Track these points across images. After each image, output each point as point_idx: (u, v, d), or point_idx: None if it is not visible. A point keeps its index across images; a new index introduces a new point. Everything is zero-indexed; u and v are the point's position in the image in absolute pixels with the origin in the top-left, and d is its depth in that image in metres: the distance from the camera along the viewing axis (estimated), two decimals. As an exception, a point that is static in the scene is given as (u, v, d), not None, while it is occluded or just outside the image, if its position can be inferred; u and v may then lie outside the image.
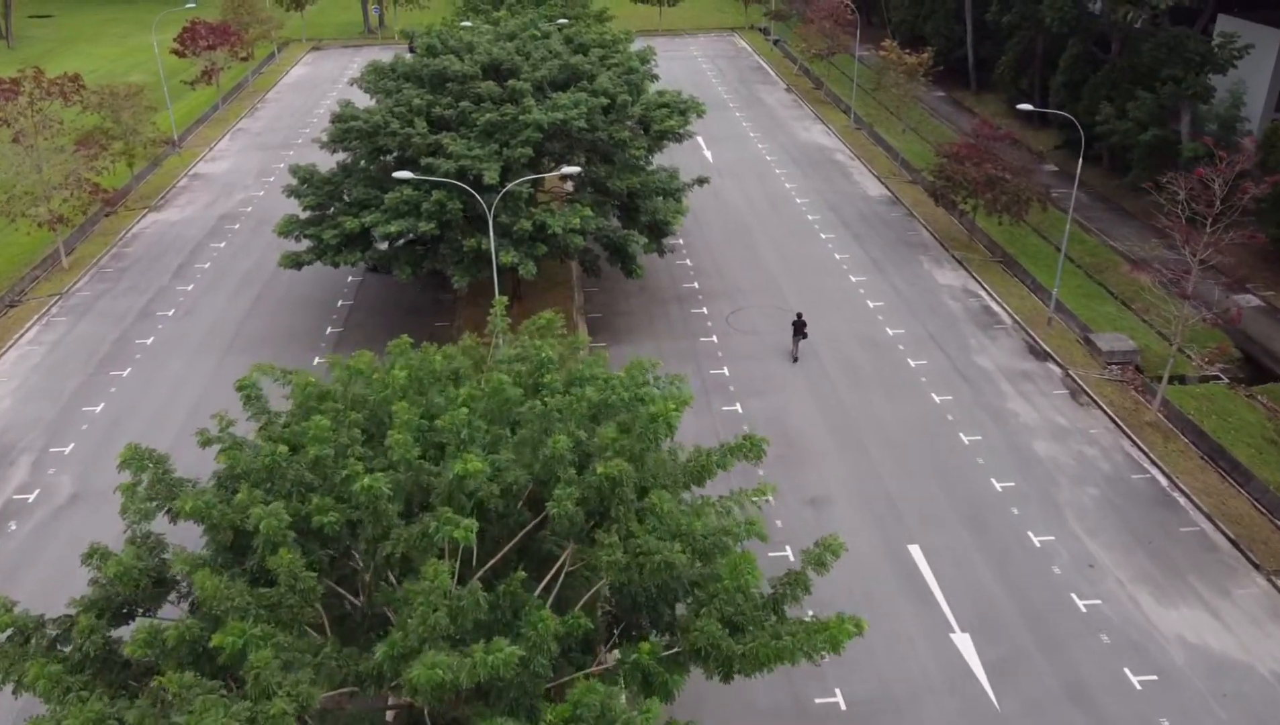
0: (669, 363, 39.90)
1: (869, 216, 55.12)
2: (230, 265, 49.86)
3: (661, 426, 17.42)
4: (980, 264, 49.00)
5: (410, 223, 36.06)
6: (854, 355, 40.60)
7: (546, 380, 20.14)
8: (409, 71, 42.15)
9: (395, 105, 39.88)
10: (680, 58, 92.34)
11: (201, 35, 71.70)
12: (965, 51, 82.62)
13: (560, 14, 65.27)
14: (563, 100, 37.66)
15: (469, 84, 39.67)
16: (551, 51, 42.66)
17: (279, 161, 65.48)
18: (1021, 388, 38.32)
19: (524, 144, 36.58)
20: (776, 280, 47.42)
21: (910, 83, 60.07)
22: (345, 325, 43.77)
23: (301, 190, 40.44)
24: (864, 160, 64.22)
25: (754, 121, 73.01)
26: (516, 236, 36.14)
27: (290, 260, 38.92)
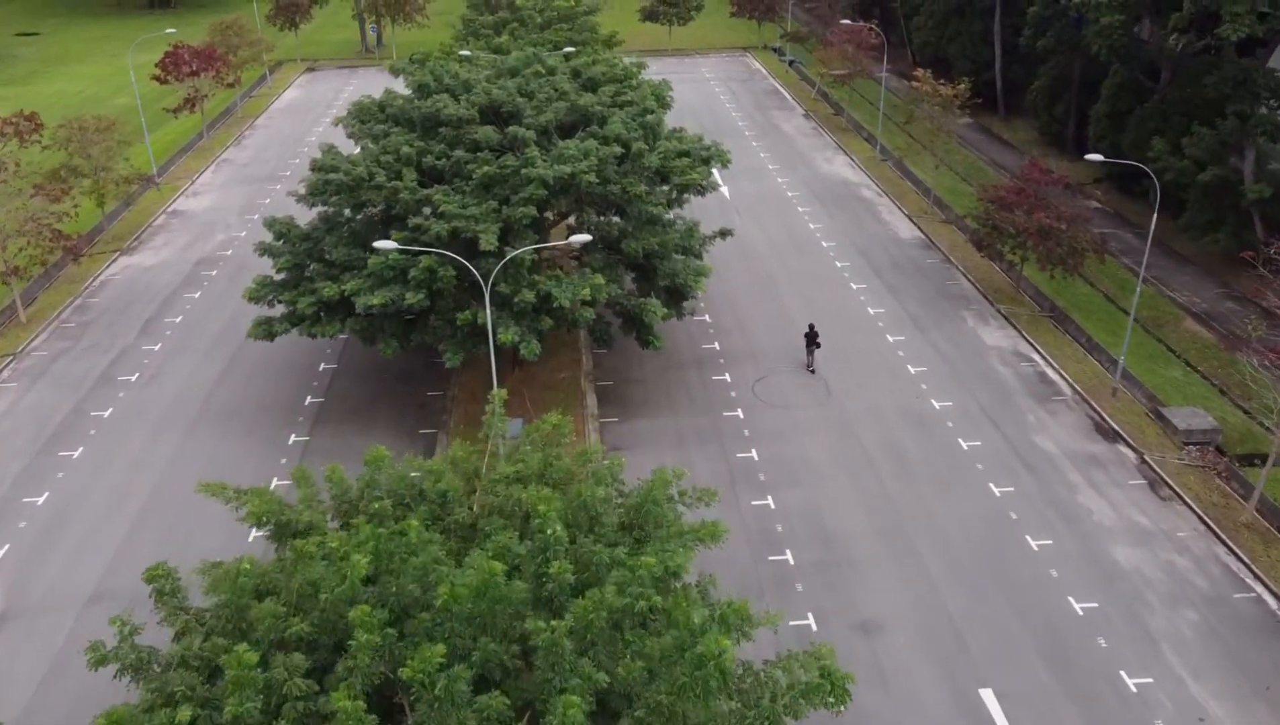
0: (691, 446, 35.39)
1: (903, 263, 50.54)
2: (203, 320, 45.35)
3: (713, 674, 12.78)
4: (1029, 320, 44.38)
5: (396, 292, 31.55)
6: (899, 435, 35.98)
7: (554, 570, 15.53)
8: (398, 113, 37.71)
9: (382, 152, 35.43)
10: (692, 80, 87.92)
11: (185, 60, 67.38)
12: (993, 75, 78.33)
13: (566, 38, 60.91)
14: (570, 150, 33.17)
15: (465, 129, 35.22)
16: (557, 90, 38.20)
17: (265, 196, 61.08)
18: (1092, 476, 33.67)
19: (526, 202, 32.08)
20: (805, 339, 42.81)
21: (945, 116, 55.59)
22: (327, 394, 39.22)
23: (277, 248, 35.98)
24: (893, 197, 59.68)
25: (773, 152, 68.51)
26: (517, 309, 31.62)
27: (261, 330, 34.40)
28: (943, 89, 55.33)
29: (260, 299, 34.82)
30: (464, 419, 37.15)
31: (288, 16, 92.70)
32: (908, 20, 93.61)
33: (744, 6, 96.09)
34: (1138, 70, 58.31)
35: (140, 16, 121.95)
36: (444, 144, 35.36)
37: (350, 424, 37.20)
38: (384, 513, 21.99)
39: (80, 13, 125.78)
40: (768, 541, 30.71)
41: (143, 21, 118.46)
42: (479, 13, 68.28)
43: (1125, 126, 59.15)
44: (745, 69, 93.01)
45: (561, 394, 38.65)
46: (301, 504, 23.03)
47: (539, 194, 31.89)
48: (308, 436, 36.48)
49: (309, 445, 35.95)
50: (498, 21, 65.23)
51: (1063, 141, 69.62)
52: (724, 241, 46.86)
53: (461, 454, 24.25)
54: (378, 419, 37.56)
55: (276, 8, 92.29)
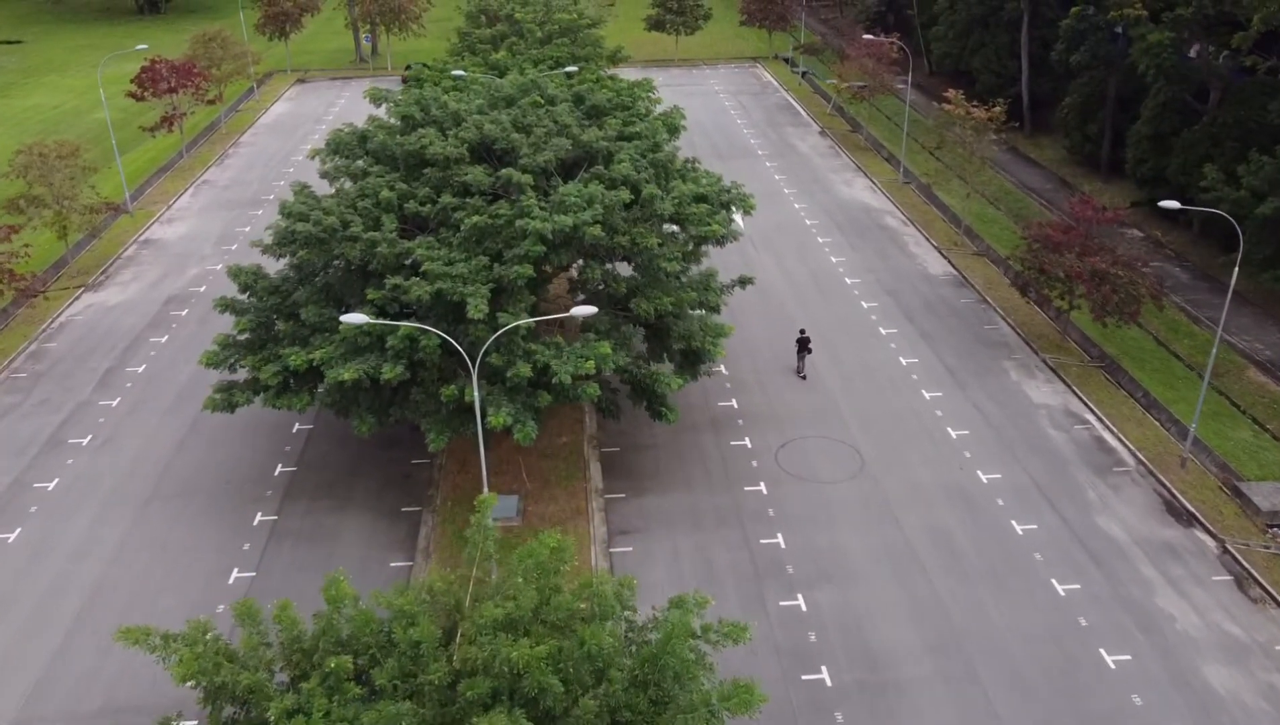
0: (708, 528, 31.20)
1: (935, 304, 46.31)
2: (168, 370, 41.17)
3: None
4: (1079, 373, 40.15)
5: (371, 364, 27.37)
6: (944, 517, 31.76)
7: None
8: (379, 149, 33.54)
9: (359, 195, 31.27)
10: (700, 93, 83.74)
11: (162, 76, 63.24)
12: (1019, 90, 74.19)
13: (568, 54, 56.72)
14: (572, 196, 28.96)
15: (453, 170, 31.05)
16: (557, 123, 34.02)
17: (245, 224, 56.94)
18: (1169, 571, 29.44)
19: (522, 260, 27.88)
20: (834, 397, 38.63)
21: (978, 140, 51.37)
22: (300, 461, 35.04)
23: (241, 303, 31.83)
24: (919, 226, 55.46)
25: (788, 174, 64.30)
26: (511, 384, 27.43)
27: (220, 401, 30.22)
28: (976, 111, 51.09)
29: (219, 365, 30.66)
30: (453, 494, 33.00)
31: (277, 26, 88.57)
32: (925, 29, 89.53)
33: (754, 15, 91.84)
34: (1185, 91, 54.06)
35: (128, 23, 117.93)
36: (429, 187, 31.20)
37: (324, 499, 33.04)
38: (342, 671, 17.94)
39: (66, 19, 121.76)
40: (799, 655, 26.53)
41: (130, 29, 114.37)
42: (475, 25, 64.08)
43: (1170, 150, 54.95)
44: (756, 81, 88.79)
45: (561, 463, 34.48)
46: (245, 650, 18.95)
47: (536, 250, 27.71)
48: (275, 515, 32.31)
49: (276, 526, 31.78)
50: (495, 35, 61.03)
51: (1095, 162, 65.44)
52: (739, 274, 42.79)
53: (440, 585, 20.15)
54: (355, 493, 33.39)
55: (266, 17, 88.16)
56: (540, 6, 62.96)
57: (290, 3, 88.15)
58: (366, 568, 29.85)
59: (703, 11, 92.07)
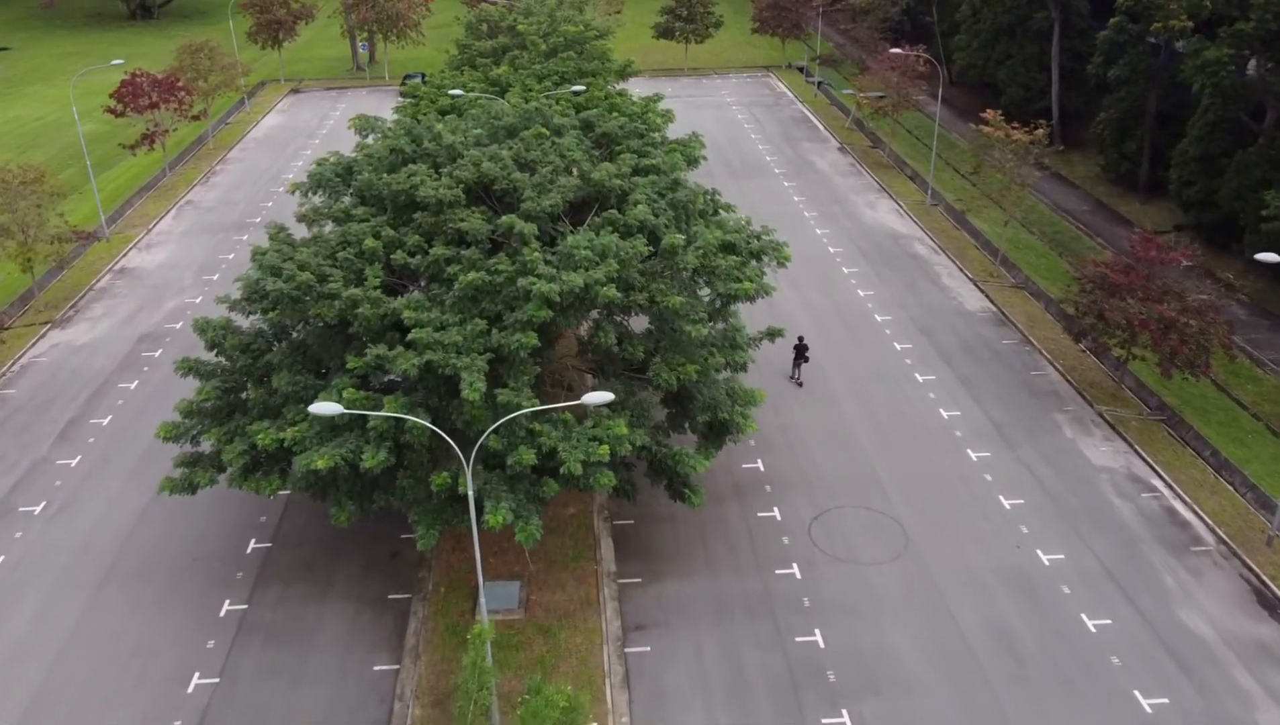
0: (736, 622, 27.44)
1: (974, 346, 42.49)
2: (136, 423, 37.45)
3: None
4: (1140, 429, 36.33)
5: (349, 449, 23.61)
6: (1004, 609, 27.95)
7: None
8: (365, 187, 29.77)
9: (341, 243, 27.52)
10: (711, 105, 79.97)
11: (143, 90, 59.53)
12: (1048, 103, 70.39)
13: (574, 68, 52.96)
14: (581, 249, 25.17)
15: (447, 214, 27.27)
16: (564, 157, 30.27)
17: (229, 250, 53.25)
18: (1268, 679, 25.61)
19: (524, 326, 24.11)
20: (869, 458, 34.85)
21: (1020, 165, 47.51)
22: (276, 537, 31.28)
23: (206, 367, 28.10)
24: (952, 254, 51.64)
25: (807, 195, 60.49)
26: (512, 472, 23.68)
27: (179, 483, 26.50)
28: (1016, 133, 47.25)
29: (179, 438, 26.94)
30: (446, 577, 29.27)
31: (270, 34, 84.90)
32: (945, 38, 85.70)
33: (766, 23, 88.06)
34: (1240, 109, 50.24)
35: (119, 30, 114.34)
36: (420, 234, 27.44)
37: (301, 584, 29.28)
38: None
39: (57, 25, 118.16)
40: (848, 789, 22.79)
41: (120, 36, 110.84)
42: (476, 37, 60.28)
43: (1220, 172, 51.14)
44: (769, 91, 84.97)
45: (568, 539, 30.72)
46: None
47: (541, 316, 23.93)
48: (245, 604, 28.55)
49: (245, 619, 28.02)
50: (497, 48, 57.25)
51: (1133, 182, 61.69)
52: (761, 312, 39.35)
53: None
54: (336, 576, 29.63)
55: (258, 25, 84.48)
56: (544, 17, 59.15)
57: (283, 10, 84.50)
58: (346, 672, 26.11)
59: (713, 19, 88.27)
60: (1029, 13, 69.71)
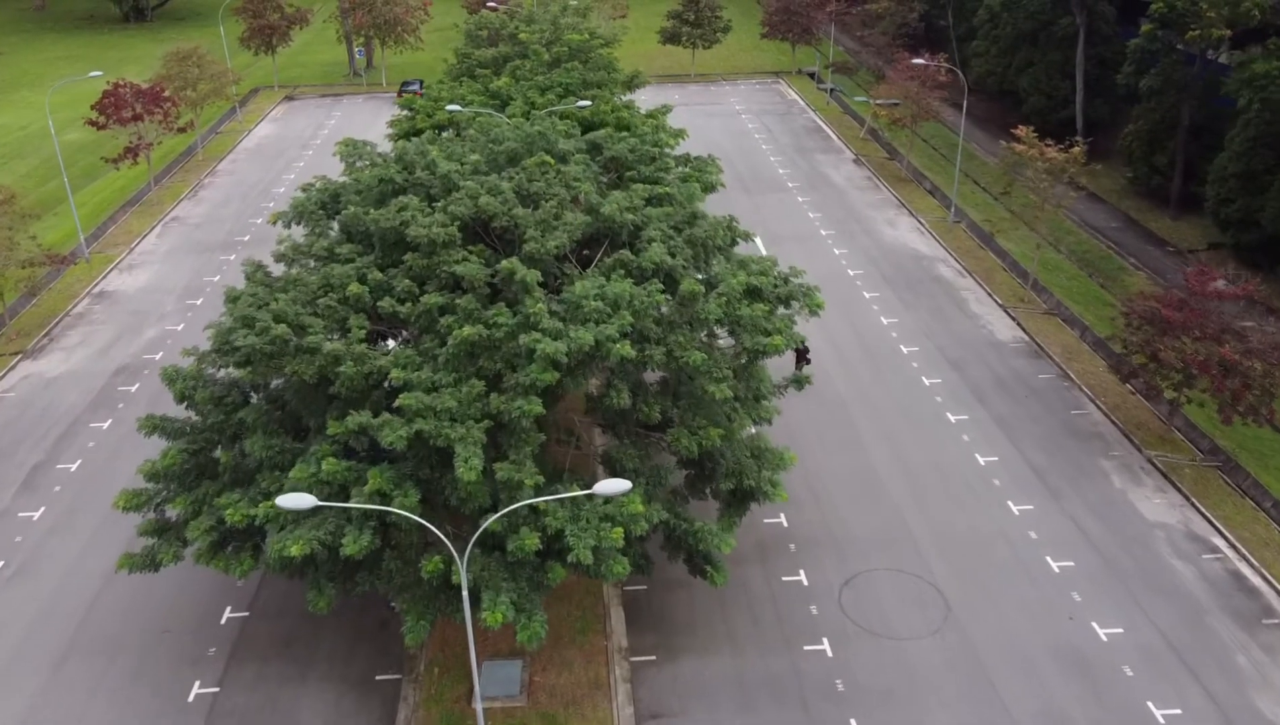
0: (762, 710, 24.58)
1: (1009, 381, 39.64)
2: (107, 468, 34.67)
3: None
4: (1194, 477, 33.49)
5: (327, 531, 20.81)
6: (1060, 696, 25.09)
7: None
8: (351, 222, 26.95)
9: (323, 288, 24.72)
10: (720, 113, 77.12)
11: (126, 101, 56.73)
12: (1071, 113, 67.60)
13: (579, 79, 50.16)
14: (592, 301, 22.36)
15: (440, 255, 24.46)
16: (571, 187, 27.47)
17: (214, 271, 50.47)
18: (1362, 785, 22.87)
19: (527, 391, 21.29)
20: (901, 511, 32.03)
21: (1054, 185, 44.67)
22: (253, 605, 28.46)
23: (174, 424, 25.31)
24: (978, 277, 48.76)
25: (823, 211, 57.63)
26: (513, 559, 20.88)
27: (140, 561, 23.74)
28: (1051, 151, 44.40)
29: (140, 508, 24.17)
30: (440, 654, 26.46)
31: (263, 39, 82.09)
32: (961, 44, 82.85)
33: (776, 28, 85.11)
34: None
35: (111, 34, 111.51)
36: (410, 277, 24.64)
37: (279, 661, 26.49)
38: None
39: (48, 28, 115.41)
40: None
41: (112, 40, 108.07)
42: (476, 45, 57.47)
43: (1264, 189, 48.34)
44: (780, 99, 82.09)
45: (575, 609, 27.90)
46: None
47: (546, 379, 21.12)
48: (217, 686, 25.75)
49: (216, 704, 25.24)
50: (498, 57, 54.43)
51: (1163, 196, 58.88)
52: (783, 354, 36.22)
53: None
54: (319, 653, 26.82)
55: (250, 30, 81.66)
56: (547, 25, 56.37)
57: (277, 15, 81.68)
58: (327, 772, 23.34)
59: (721, 24, 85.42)
60: (1053, 18, 66.92)
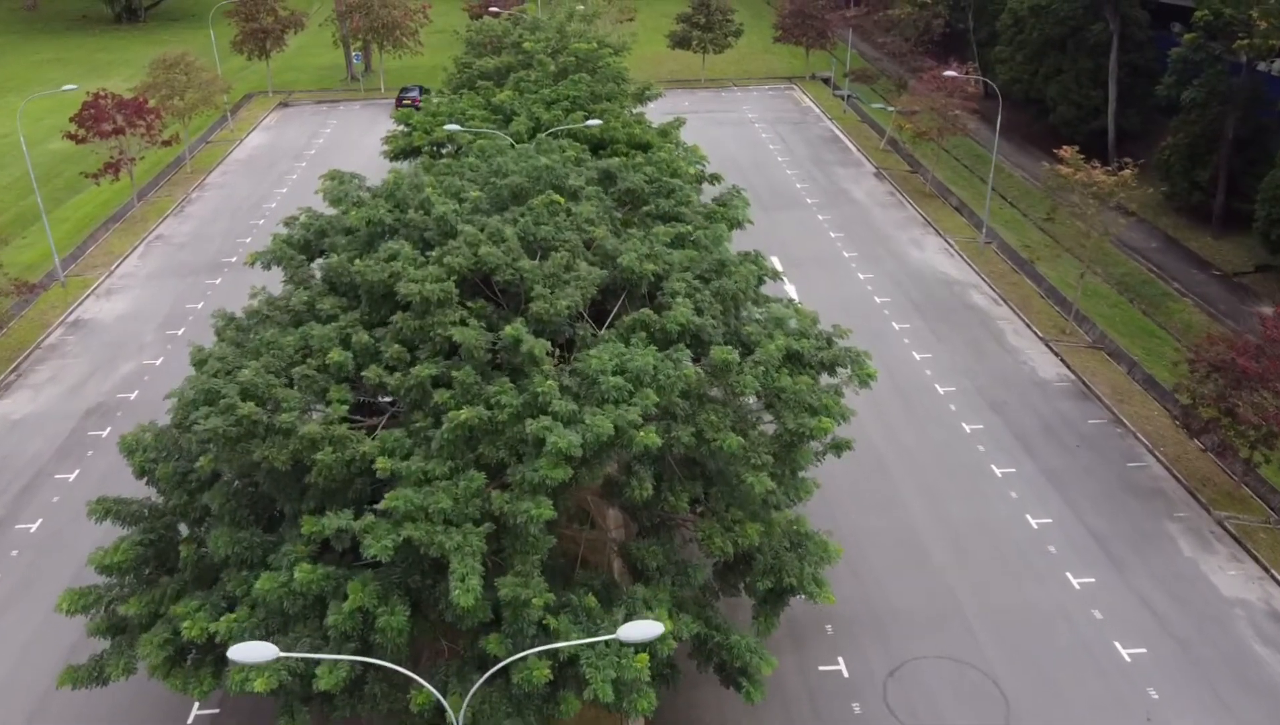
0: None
1: (1057, 427, 36.40)
2: (69, 530, 31.44)
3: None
4: (1272, 545, 30.22)
5: (298, 659, 17.62)
6: (1146, 822, 22.00)
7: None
8: (334, 273, 23.74)
9: (300, 350, 21.54)
10: (732, 121, 73.83)
11: (106, 114, 53.52)
12: (1103, 123, 64.30)
13: (586, 91, 46.90)
14: (610, 378, 19.15)
15: (435, 316, 21.26)
16: (584, 230, 24.29)
17: (198, 297, 47.29)
18: None
19: (535, 490, 18.08)
20: (949, 584, 28.83)
21: (1101, 211, 41.42)
22: (224, 704, 25.32)
23: (130, 508, 22.14)
24: (1014, 305, 45.50)
25: (846, 230, 54.36)
26: (519, 690, 17.69)
27: (85, 674, 20.58)
28: (1099, 173, 41.12)
29: (89, 609, 21.01)
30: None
31: (257, 43, 78.85)
32: (983, 49, 79.51)
33: (790, 32, 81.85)
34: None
35: (102, 35, 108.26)
36: (400, 341, 21.43)
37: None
38: None
39: (38, 29, 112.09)
40: None
41: (103, 41, 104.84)
42: (477, 54, 54.22)
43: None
44: (794, 106, 78.79)
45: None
46: None
47: (558, 476, 17.90)
48: (180, 809, 22.65)
49: (179, 831, 22.12)
50: (500, 67, 51.18)
51: (1204, 213, 55.67)
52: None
53: None
54: (298, 761, 23.63)
55: (243, 34, 78.42)
56: (552, 33, 53.13)
57: (271, 18, 78.43)
58: None
59: (733, 27, 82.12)
60: (1084, 24, 63.57)
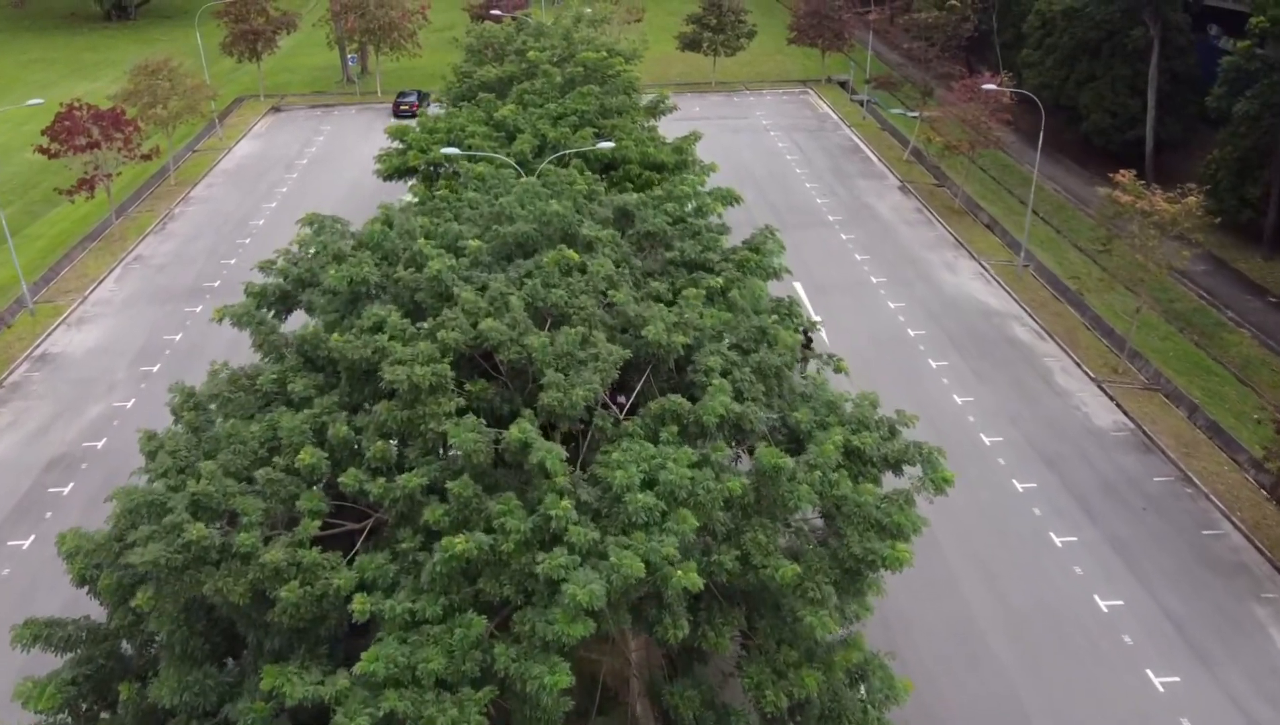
0: None
1: (1119, 486, 32.89)
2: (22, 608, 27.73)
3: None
4: (1374, 633, 26.87)
5: None
6: None
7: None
8: (308, 345, 20.24)
9: (265, 445, 18.08)
10: (746, 128, 70.16)
11: (82, 126, 49.94)
12: (1140, 132, 60.76)
13: (596, 106, 43.38)
14: (638, 500, 15.67)
15: (427, 406, 17.77)
16: (604, 293, 20.83)
17: (176, 327, 43.83)
18: None
19: (544, 648, 14.59)
20: (1012, 683, 25.35)
21: (1162, 241, 37.87)
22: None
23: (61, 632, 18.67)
24: (1061, 340, 41.96)
25: (871, 251, 50.78)
26: None
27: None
28: (1159, 200, 37.55)
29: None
30: None
31: (247, 45, 75.18)
32: (1007, 51, 75.79)
33: (805, 33, 78.11)
34: None
35: (90, 33, 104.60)
36: (385, 434, 17.98)
37: None
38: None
39: (24, 27, 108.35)
40: None
41: (92, 40, 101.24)
42: (478, 62, 50.58)
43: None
44: (810, 112, 75.09)
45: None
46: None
47: (576, 633, 14.43)
48: None
49: None
50: (502, 78, 47.63)
51: (1253, 232, 52.27)
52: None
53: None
54: None
55: (233, 35, 74.75)
56: (559, 39, 49.55)
57: (261, 19, 74.75)
58: None
59: (746, 29, 78.40)
60: (1123, 28, 59.88)
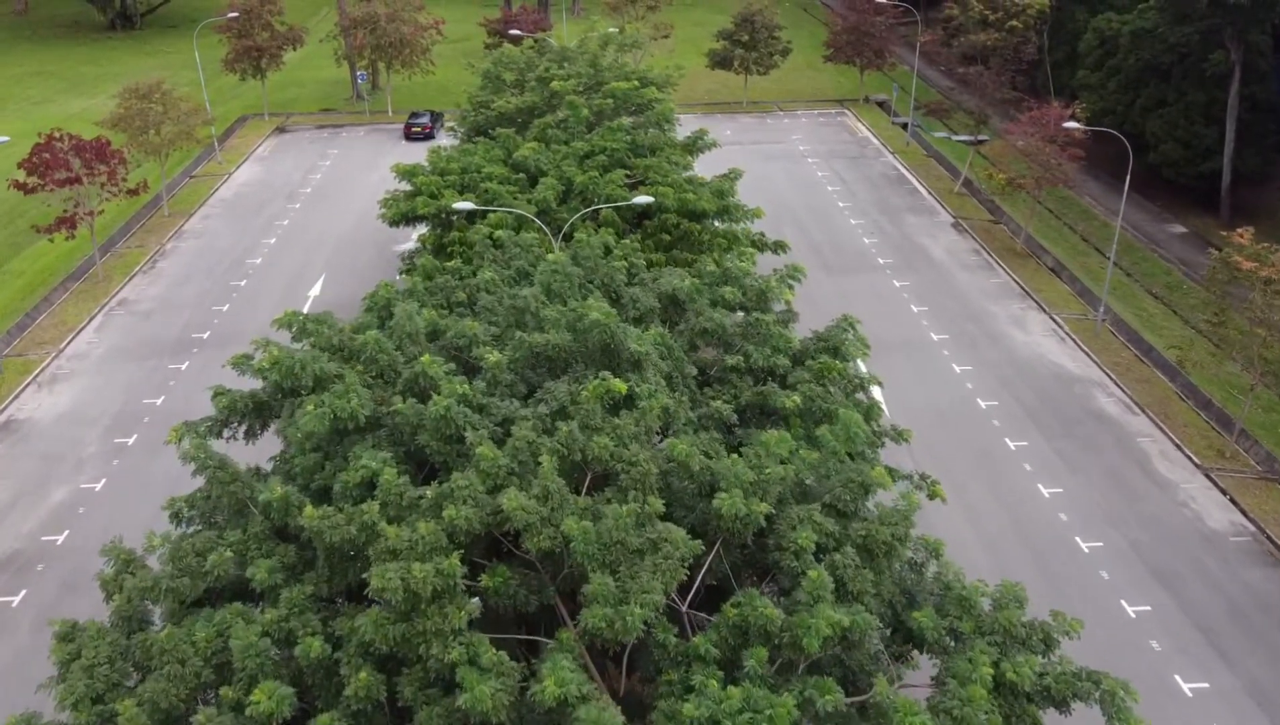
0: None
1: (1248, 611, 27.81)
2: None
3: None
4: None
5: None
6: None
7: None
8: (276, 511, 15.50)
9: (206, 664, 13.35)
10: (781, 154, 65.24)
11: (62, 160, 45.44)
12: (1217, 164, 55.80)
13: (626, 145, 38.67)
14: None
15: (430, 619, 13.00)
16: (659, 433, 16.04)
17: (158, 389, 39.25)
18: None
19: None
20: None
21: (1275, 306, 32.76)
22: None
23: None
24: (1154, 414, 36.93)
25: (928, 301, 45.77)
26: None
27: None
28: (1279, 262, 32.48)
29: None
30: None
31: (251, 62, 70.79)
32: (1058, 70, 70.69)
33: (842, 50, 73.29)
34: None
35: (92, 43, 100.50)
36: (370, 659, 13.21)
37: None
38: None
39: (25, 37, 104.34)
40: None
41: (93, 50, 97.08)
42: (496, 91, 45.81)
43: None
44: (850, 136, 70.11)
45: None
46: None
47: None
48: None
49: None
50: (522, 108, 43.00)
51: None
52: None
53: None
54: None
55: (235, 52, 70.34)
56: (585, 65, 44.83)
57: (266, 34, 70.33)
58: None
59: (780, 45, 73.50)
60: (1199, 51, 54.77)
